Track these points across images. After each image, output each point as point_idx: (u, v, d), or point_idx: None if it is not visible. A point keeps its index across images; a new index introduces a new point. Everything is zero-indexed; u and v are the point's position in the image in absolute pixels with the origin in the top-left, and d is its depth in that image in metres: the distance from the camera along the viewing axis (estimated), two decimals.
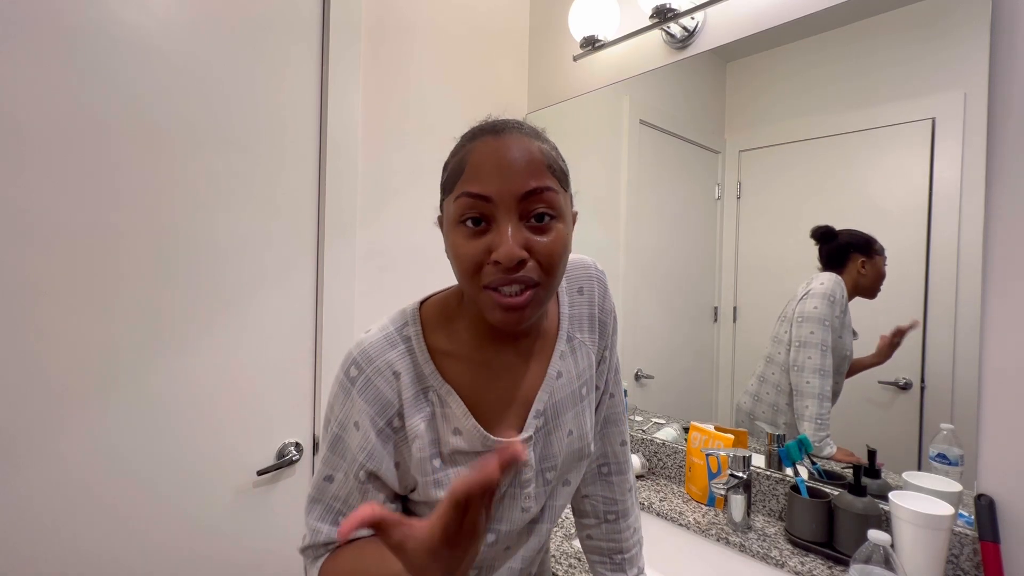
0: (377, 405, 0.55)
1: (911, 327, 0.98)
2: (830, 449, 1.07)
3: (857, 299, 1.06)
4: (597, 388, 0.70)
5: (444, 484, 0.56)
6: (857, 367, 1.05)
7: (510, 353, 0.60)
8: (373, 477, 0.56)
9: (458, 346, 0.58)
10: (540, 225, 0.51)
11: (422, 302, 0.61)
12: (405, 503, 0.60)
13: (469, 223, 0.51)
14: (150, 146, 0.99)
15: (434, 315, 0.60)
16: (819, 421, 1.09)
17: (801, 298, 1.12)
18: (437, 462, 0.57)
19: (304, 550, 0.57)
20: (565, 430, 0.62)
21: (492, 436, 0.57)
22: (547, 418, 0.61)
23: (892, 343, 1.00)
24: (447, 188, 0.54)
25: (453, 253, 0.53)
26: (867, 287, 1.05)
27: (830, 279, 1.09)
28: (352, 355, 0.56)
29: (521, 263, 0.50)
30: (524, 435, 0.59)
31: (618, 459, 0.76)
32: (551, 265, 0.52)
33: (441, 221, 0.58)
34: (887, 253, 1.01)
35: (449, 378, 0.57)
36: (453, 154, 0.55)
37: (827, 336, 1.09)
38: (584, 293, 0.67)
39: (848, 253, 1.07)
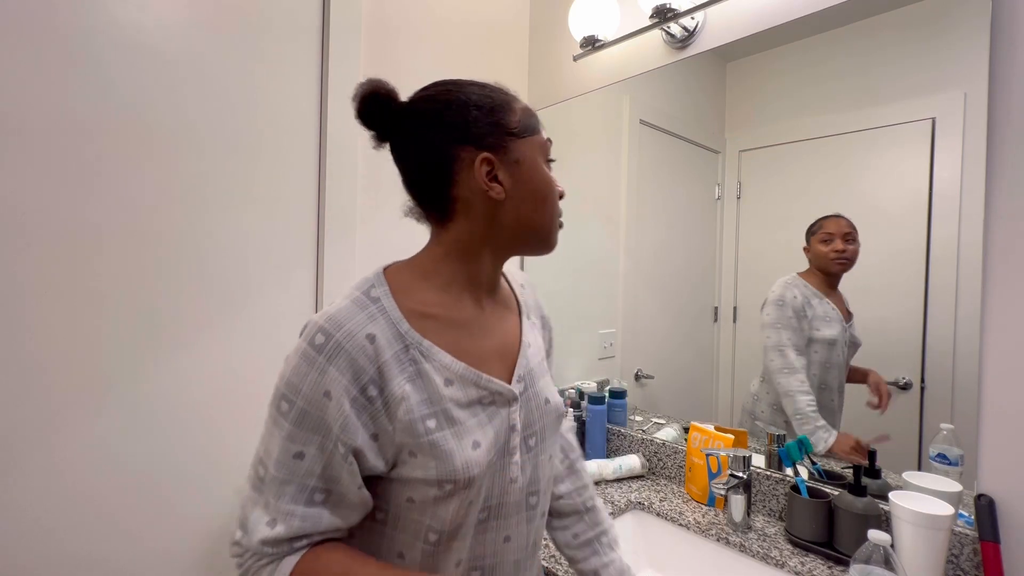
0: (350, 373, 0.51)
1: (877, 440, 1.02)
2: (825, 440, 1.08)
3: (860, 301, 1.06)
4: None
5: (441, 446, 0.54)
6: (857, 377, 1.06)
7: (483, 314, 0.62)
8: (351, 451, 0.52)
9: (431, 307, 0.58)
10: None
11: (385, 268, 0.61)
12: (372, 484, 0.57)
13: (548, 163, 0.63)
14: (149, 146, 0.99)
15: (403, 277, 0.59)
16: (798, 417, 1.11)
17: (762, 306, 1.19)
18: (432, 423, 0.54)
19: (266, 542, 0.51)
20: (542, 397, 0.65)
21: (485, 376, 0.58)
22: (527, 384, 0.63)
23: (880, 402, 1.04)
24: (527, 130, 0.61)
25: (549, 188, 0.61)
26: (822, 268, 1.10)
27: (778, 283, 1.15)
28: (317, 323, 0.53)
29: None
30: (515, 384, 0.62)
31: (574, 446, 0.81)
32: None
33: (490, 162, 0.59)
34: (888, 251, 1.01)
35: (427, 336, 0.57)
36: (512, 100, 0.63)
37: (782, 336, 1.15)
38: (527, 288, 0.74)
39: (804, 247, 1.13)
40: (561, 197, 0.63)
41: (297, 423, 0.51)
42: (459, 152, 0.57)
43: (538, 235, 0.61)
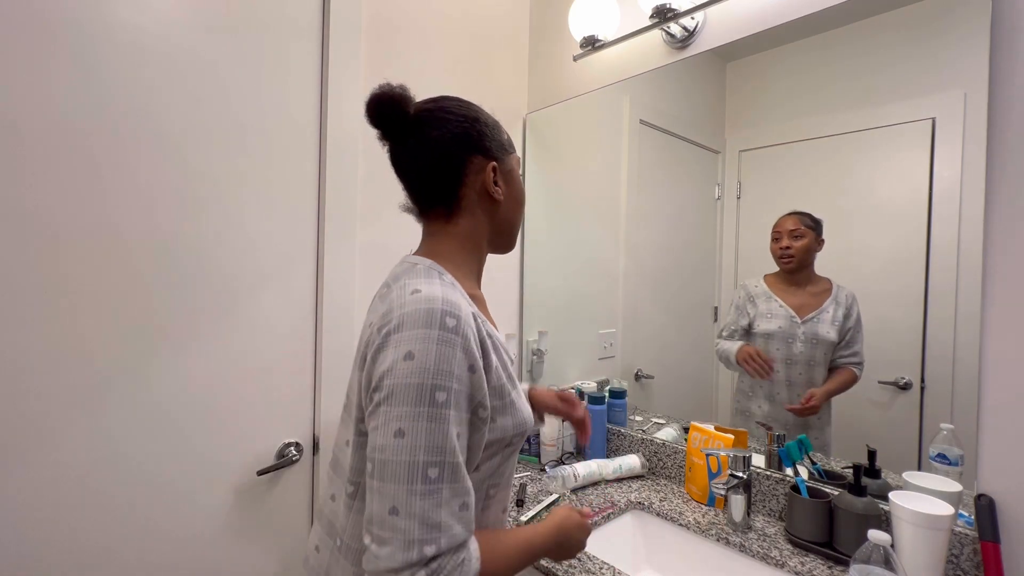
0: (476, 347, 0.59)
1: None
2: (732, 352, 1.23)
3: (860, 301, 1.06)
4: None
5: (516, 403, 0.65)
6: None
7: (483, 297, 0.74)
8: (488, 413, 0.61)
9: (469, 290, 0.68)
10: None
11: (415, 255, 0.71)
12: None
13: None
14: (149, 146, 0.99)
15: (451, 268, 0.68)
16: (725, 363, 1.24)
17: None
18: (508, 384, 0.64)
19: (468, 524, 0.56)
20: None
21: (511, 350, 0.73)
22: None
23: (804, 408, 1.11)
24: (512, 147, 0.75)
25: (523, 193, 0.76)
26: (779, 268, 1.16)
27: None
28: (437, 308, 0.57)
29: None
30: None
31: None
32: None
33: (495, 170, 0.71)
34: (888, 251, 1.01)
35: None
36: (497, 124, 0.73)
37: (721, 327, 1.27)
38: None
39: None
40: None
41: (456, 407, 0.56)
42: (472, 158, 0.68)
43: (512, 234, 0.76)
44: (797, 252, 1.12)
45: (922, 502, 0.85)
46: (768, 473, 1.13)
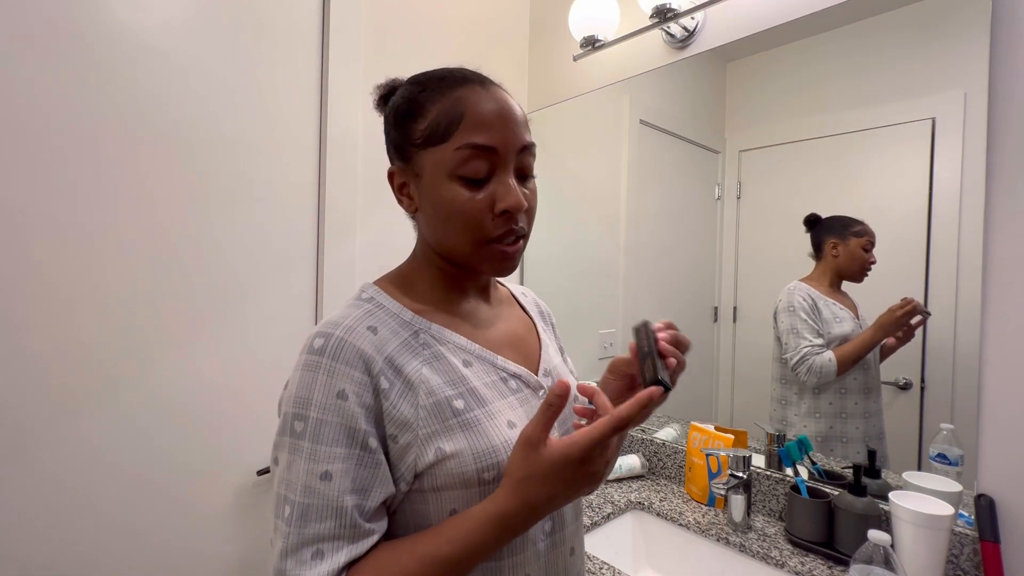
0: (360, 364, 0.47)
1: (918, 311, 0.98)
2: (828, 364, 1.08)
3: (860, 301, 1.06)
4: None
5: (474, 426, 0.50)
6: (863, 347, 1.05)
7: (481, 307, 0.61)
8: (381, 444, 0.48)
9: (427, 301, 0.57)
10: (524, 180, 0.55)
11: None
12: (408, 511, 0.51)
13: (470, 176, 0.51)
14: (150, 146, 0.99)
15: (391, 284, 0.58)
16: (822, 374, 1.09)
17: (773, 317, 1.18)
18: (459, 403, 0.51)
19: None
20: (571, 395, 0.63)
21: (500, 358, 0.57)
22: (553, 379, 0.63)
23: (901, 318, 0.98)
24: (438, 137, 0.51)
25: (452, 207, 0.51)
26: (845, 269, 1.07)
27: (784, 291, 1.16)
28: (312, 333, 0.50)
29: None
30: (541, 378, 0.60)
31: None
32: (533, 217, 0.57)
33: (398, 173, 0.57)
34: (888, 251, 1.01)
35: (435, 322, 0.55)
36: (430, 100, 0.53)
37: (801, 331, 1.13)
38: (528, 295, 0.75)
39: (822, 237, 1.10)
40: (506, 212, 0.51)
41: (315, 439, 0.46)
42: (392, 160, 0.58)
43: (454, 256, 0.55)
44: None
45: (922, 502, 0.85)
46: (768, 473, 1.13)
